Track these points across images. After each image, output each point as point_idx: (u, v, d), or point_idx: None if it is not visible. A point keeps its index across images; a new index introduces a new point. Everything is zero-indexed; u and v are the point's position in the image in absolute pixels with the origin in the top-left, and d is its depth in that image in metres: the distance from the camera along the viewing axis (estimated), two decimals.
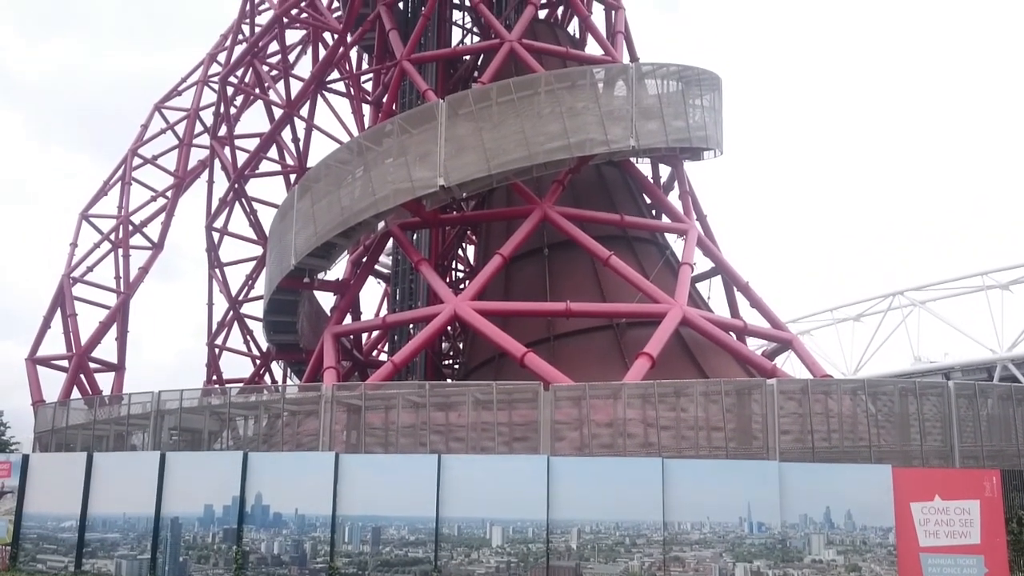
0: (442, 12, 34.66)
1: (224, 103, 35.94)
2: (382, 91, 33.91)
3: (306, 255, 27.23)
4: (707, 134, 29.38)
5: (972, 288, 59.33)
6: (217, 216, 37.28)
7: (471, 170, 25.46)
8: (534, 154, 25.56)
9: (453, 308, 24.32)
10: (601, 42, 31.78)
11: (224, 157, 36.32)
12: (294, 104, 34.48)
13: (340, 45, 32.78)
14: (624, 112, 26.88)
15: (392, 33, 31.48)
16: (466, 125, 25.77)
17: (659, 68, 28.48)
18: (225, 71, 36.33)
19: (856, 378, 44.52)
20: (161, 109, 40.63)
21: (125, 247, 36.54)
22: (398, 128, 26.45)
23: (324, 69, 34.16)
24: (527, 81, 26.60)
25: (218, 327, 38.06)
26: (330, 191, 27.21)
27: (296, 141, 35.91)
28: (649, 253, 28.96)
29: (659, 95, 28.08)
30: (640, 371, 21.83)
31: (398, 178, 25.89)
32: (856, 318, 66.03)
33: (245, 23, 37.20)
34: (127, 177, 38.36)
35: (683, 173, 31.15)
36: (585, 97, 26.68)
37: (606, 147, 26.55)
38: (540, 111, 26.06)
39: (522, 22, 30.17)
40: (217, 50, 41.02)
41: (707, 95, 29.53)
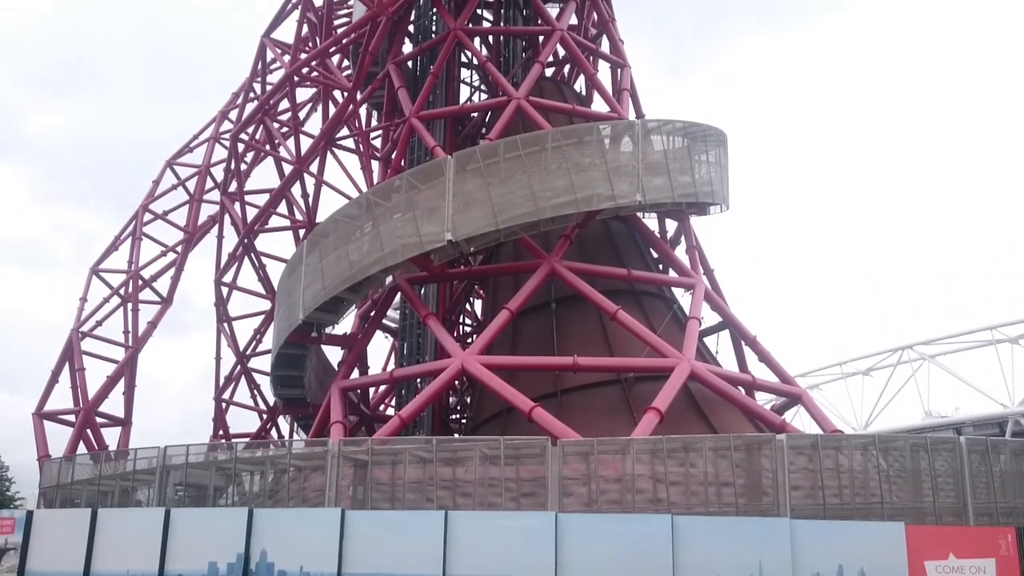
0: (450, 71, 35.20)
1: (235, 159, 36.37)
2: (391, 147, 34.29)
3: (314, 309, 27.30)
4: (713, 189, 29.56)
5: (982, 342, 58.99)
6: (226, 271, 37.49)
7: (479, 225, 25.64)
8: (541, 209, 25.73)
9: (460, 362, 24.28)
10: (607, 99, 32.17)
11: (234, 212, 36.63)
12: (304, 160, 34.86)
13: (350, 103, 33.25)
14: (630, 168, 27.10)
15: (401, 91, 31.94)
16: (474, 180, 26.00)
17: (665, 124, 28.78)
18: (236, 128, 36.82)
19: (867, 433, 44.08)
20: (173, 166, 41.12)
21: (134, 301, 36.71)
22: (406, 184, 26.70)
23: (334, 126, 34.60)
24: (534, 137, 26.90)
25: (225, 381, 38.03)
26: (339, 246, 27.38)
27: (305, 197, 36.23)
28: (656, 307, 28.95)
29: (665, 151, 28.34)
30: (648, 426, 21.69)
31: (406, 233, 26.06)
32: (865, 372, 65.60)
33: (257, 81, 37.79)
34: (138, 232, 38.68)
35: (690, 228, 31.28)
36: (592, 153, 26.95)
37: (613, 202, 26.74)
38: (547, 167, 26.31)
39: (529, 80, 30.59)
40: (229, 108, 41.63)
41: (713, 151, 29.77)
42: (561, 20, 32.43)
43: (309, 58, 33.68)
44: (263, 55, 37.12)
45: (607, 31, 34.73)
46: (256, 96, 37.44)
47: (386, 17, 30.25)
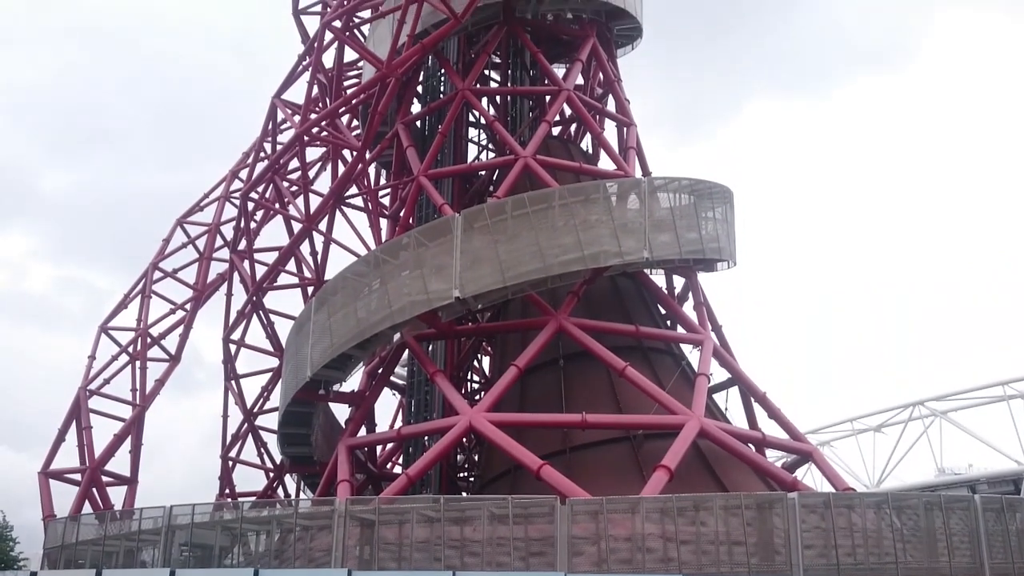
0: (458, 130, 35.64)
1: (245, 218, 36.68)
2: (399, 205, 34.59)
3: (322, 367, 27.31)
4: (720, 246, 29.69)
5: (994, 398, 58.58)
6: (235, 328, 37.56)
7: (486, 282, 25.75)
8: (549, 266, 25.87)
9: (468, 420, 24.18)
10: (614, 157, 32.51)
11: (243, 270, 36.83)
12: (313, 219, 35.13)
13: (359, 162, 33.62)
14: (637, 225, 27.28)
15: (410, 150, 32.34)
16: (481, 238, 26.19)
17: (671, 182, 29.04)
18: (247, 187, 37.21)
19: (879, 491, 43.60)
20: (183, 224, 41.48)
21: (142, 359, 36.74)
22: (414, 241, 26.88)
23: (343, 185, 34.93)
24: (542, 195, 27.14)
25: (232, 439, 37.85)
26: (347, 303, 27.49)
27: (314, 254, 36.43)
28: (665, 364, 28.88)
29: (672, 208, 28.55)
30: (658, 484, 21.49)
31: (414, 290, 26.17)
32: (877, 429, 65.03)
33: (267, 141, 38.26)
34: (147, 290, 38.89)
35: (697, 284, 31.33)
36: (599, 210, 27.16)
37: (620, 259, 26.87)
38: (554, 224, 26.51)
39: (536, 139, 30.96)
40: (239, 167, 42.12)
41: (719, 207, 29.97)
42: (567, 80, 32.91)
43: (319, 118, 34.13)
44: (274, 115, 37.65)
45: (613, 91, 35.21)
46: (266, 155, 37.88)
47: (395, 78, 30.72)
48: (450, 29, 30.89)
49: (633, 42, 37.07)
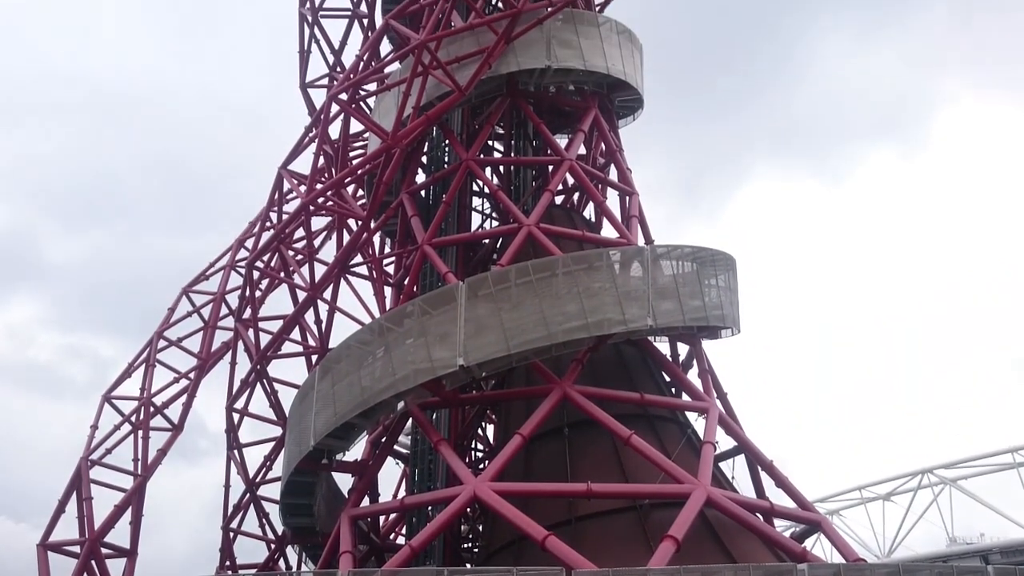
0: (462, 199, 36.01)
1: (250, 287, 36.85)
2: (403, 274, 34.76)
3: (325, 436, 27.16)
4: (723, 313, 29.72)
5: (1004, 465, 58.00)
6: (238, 397, 37.47)
7: (491, 350, 25.76)
8: (553, 334, 25.91)
9: (472, 489, 23.94)
10: (616, 226, 32.77)
11: (247, 339, 36.87)
12: (318, 287, 35.30)
13: (364, 231, 33.92)
14: (641, 292, 27.38)
15: (414, 219, 32.64)
16: (485, 306, 26.27)
17: (674, 249, 29.22)
18: (252, 256, 37.45)
19: (890, 562, 42.83)
20: (189, 293, 41.66)
21: (145, 429, 36.56)
22: (419, 309, 26.96)
23: (348, 254, 35.20)
24: (545, 263, 27.30)
25: (234, 510, 37.44)
26: (351, 372, 27.45)
27: (319, 323, 36.50)
28: (670, 432, 28.68)
29: (675, 275, 28.68)
30: (665, 555, 21.18)
31: (418, 358, 26.16)
32: (886, 497, 64.22)
33: (273, 211, 38.65)
34: (151, 359, 38.89)
35: (701, 351, 31.26)
36: (602, 278, 27.28)
37: (624, 326, 26.91)
38: (558, 292, 26.62)
39: (539, 207, 31.27)
40: (245, 236, 42.45)
41: (722, 275, 30.09)
42: (570, 150, 33.36)
43: (325, 188, 34.54)
44: (280, 185, 38.11)
45: (615, 160, 35.65)
46: (272, 225, 38.25)
47: (400, 149, 31.19)
48: (454, 101, 31.49)
49: (634, 113, 37.66)
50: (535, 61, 32.73)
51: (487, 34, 31.68)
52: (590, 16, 35.11)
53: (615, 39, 34.55)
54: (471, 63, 31.45)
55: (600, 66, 33.67)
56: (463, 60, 31.50)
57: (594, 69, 33.60)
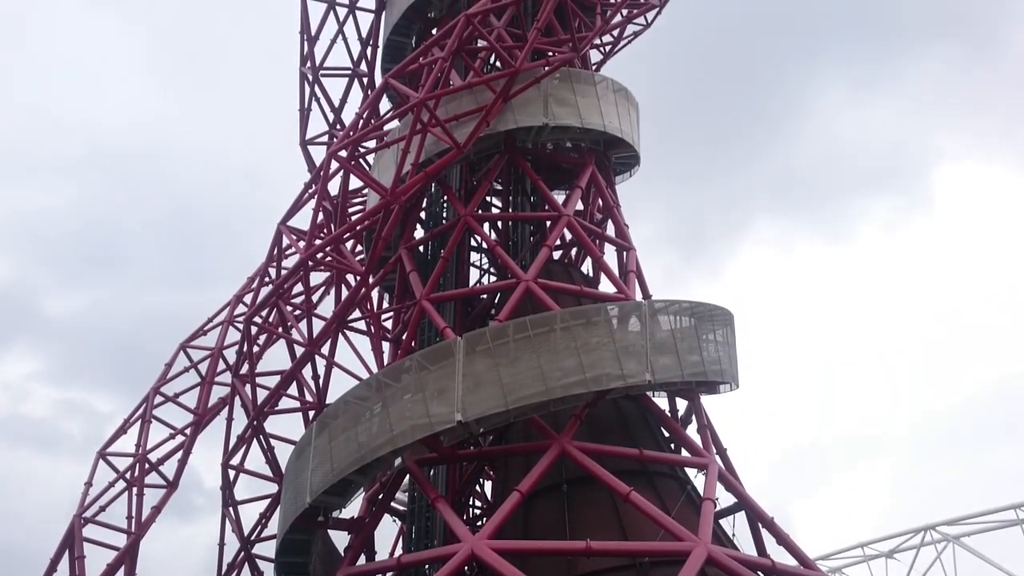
0: (460, 254, 36.20)
1: (248, 342, 36.81)
2: (401, 329, 34.78)
3: (322, 493, 26.97)
4: (722, 368, 29.74)
5: (1008, 522, 57.47)
6: (234, 453, 37.17)
7: (489, 405, 25.72)
8: (551, 389, 25.88)
9: (470, 547, 23.70)
10: (614, 281, 32.91)
11: (244, 395, 36.72)
12: (316, 342, 35.26)
13: (362, 286, 34.01)
14: (639, 347, 27.42)
15: (412, 274, 32.77)
16: (483, 361, 26.28)
17: (672, 304, 29.34)
18: (251, 311, 37.46)
19: None
20: (186, 348, 41.63)
21: (140, 486, 36.27)
22: (416, 364, 26.96)
23: (346, 309, 35.22)
24: (543, 318, 27.38)
25: (228, 568, 36.91)
26: (348, 428, 27.36)
27: (316, 378, 36.37)
28: (670, 488, 28.47)
29: (673, 330, 28.76)
30: None
31: (416, 414, 26.10)
32: (889, 555, 63.41)
33: (272, 266, 38.76)
34: (147, 415, 38.73)
35: (700, 407, 31.19)
36: (600, 333, 27.35)
37: (622, 381, 26.88)
38: (556, 347, 26.67)
39: (537, 263, 31.44)
40: (244, 291, 42.55)
41: (720, 330, 30.17)
42: (567, 206, 33.64)
43: (324, 244, 34.71)
44: (279, 241, 38.30)
45: (612, 216, 35.92)
46: (271, 280, 38.34)
47: (399, 205, 31.45)
48: (453, 158, 31.85)
49: (631, 169, 38.06)
50: (533, 119, 33.17)
51: (485, 93, 32.16)
52: (587, 75, 35.67)
53: (611, 97, 35.05)
54: (469, 121, 31.87)
55: (597, 124, 34.11)
56: (461, 118, 31.92)
57: (591, 127, 34.04)
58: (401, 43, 39.25)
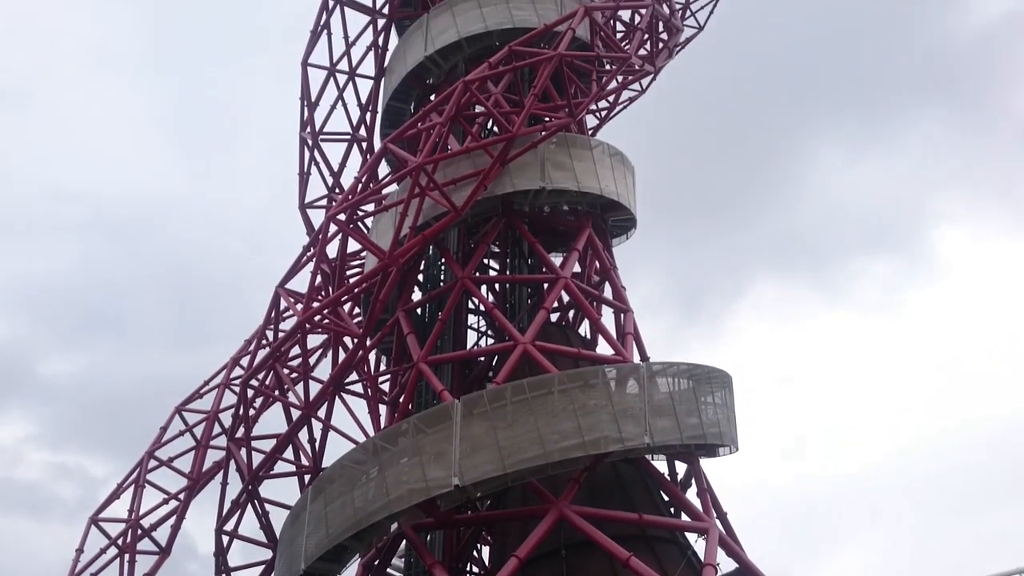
0: (458, 316, 36.25)
1: (244, 405, 36.62)
2: (399, 391, 34.65)
3: (317, 559, 26.61)
4: (721, 431, 29.58)
5: None
6: (228, 519, 36.66)
7: (486, 469, 25.52)
8: (549, 452, 25.70)
9: None
10: (612, 343, 32.90)
11: (240, 458, 36.40)
12: (312, 405, 35.10)
13: (359, 348, 33.98)
14: (637, 410, 27.31)
15: (410, 337, 32.76)
16: (481, 424, 26.16)
17: (670, 367, 29.30)
18: (247, 374, 37.33)
19: None
20: (181, 411, 41.32)
21: (132, 553, 35.69)
22: (413, 428, 26.82)
23: (343, 371, 35.14)
24: (541, 381, 27.31)
25: None
26: (344, 492, 27.10)
27: (312, 442, 36.11)
28: (670, 553, 28.10)
29: (671, 392, 28.69)
30: None
31: (413, 478, 25.87)
32: None
33: (270, 329, 38.74)
34: (141, 480, 38.28)
35: (700, 470, 30.93)
36: (598, 395, 27.26)
37: (621, 445, 26.72)
38: (554, 410, 26.57)
39: (535, 325, 31.44)
40: (240, 354, 42.40)
41: (718, 392, 30.09)
42: (565, 269, 33.79)
43: (322, 306, 34.77)
44: (276, 304, 38.34)
45: (609, 278, 36.06)
46: (268, 343, 38.27)
47: (397, 268, 31.59)
48: (451, 221, 32.11)
49: (628, 232, 38.32)
50: (530, 183, 33.51)
51: (483, 157, 32.54)
52: (583, 140, 36.14)
53: (608, 161, 35.46)
54: (467, 185, 32.20)
55: (593, 187, 34.45)
56: (459, 182, 32.26)
57: (587, 190, 34.36)
58: (400, 108, 39.87)
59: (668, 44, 40.10)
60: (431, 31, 37.68)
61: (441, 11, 37.84)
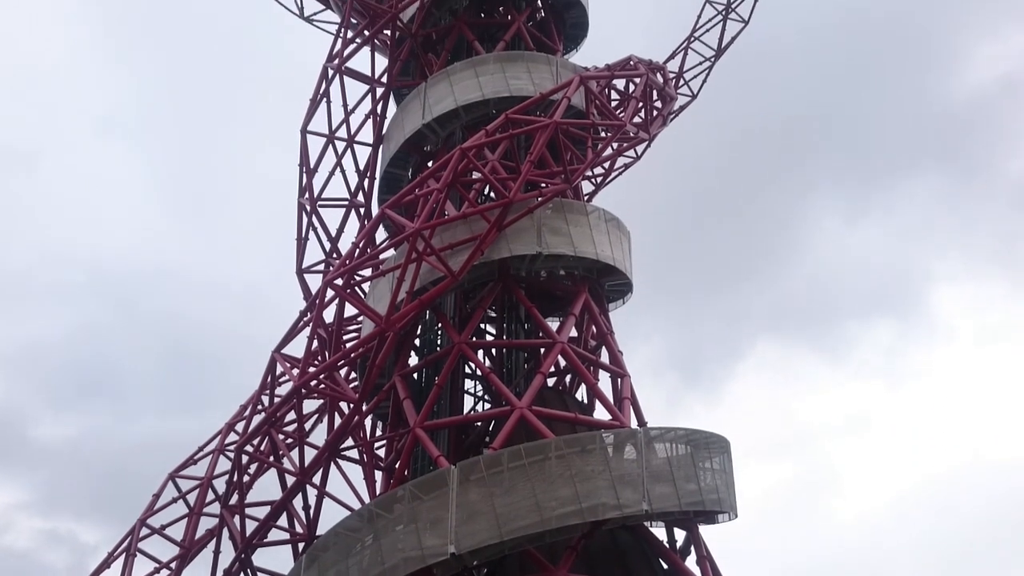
0: (454, 381, 36.16)
1: (238, 471, 36.27)
2: (395, 457, 34.39)
3: None
4: (720, 497, 29.30)
5: None
6: None
7: (483, 537, 25.22)
8: (546, 519, 25.43)
9: None
10: (609, 408, 32.77)
11: (233, 526, 35.94)
12: (307, 472, 34.80)
13: (355, 414, 33.83)
14: (635, 476, 27.11)
15: (406, 402, 32.64)
16: (478, 491, 25.92)
17: (667, 432, 29.16)
18: (242, 440, 37.05)
19: None
20: (175, 478, 40.91)
21: None
22: (409, 494, 26.56)
23: (339, 437, 34.91)
24: (538, 446, 27.14)
25: None
26: (338, 560, 26.76)
27: (307, 508, 35.73)
28: None
29: (669, 458, 28.49)
30: None
31: (408, 546, 25.55)
32: None
33: (265, 394, 38.57)
34: (132, 548, 37.71)
35: (699, 537, 30.60)
36: (595, 461, 27.07)
37: (619, 511, 26.45)
38: (551, 476, 26.37)
39: (532, 390, 31.36)
40: (235, 420, 42.12)
41: (716, 457, 29.89)
42: (561, 333, 33.82)
43: (318, 371, 34.70)
44: (272, 369, 38.24)
45: (606, 343, 36.08)
46: (263, 408, 38.08)
47: (393, 332, 31.61)
48: (447, 286, 32.24)
49: (624, 296, 38.43)
50: (526, 248, 33.74)
51: (480, 222, 32.82)
52: (579, 205, 36.48)
53: (603, 227, 35.77)
54: (464, 250, 32.41)
55: (589, 252, 34.68)
56: (456, 247, 32.48)
57: (583, 255, 34.59)
58: (397, 175, 40.35)
59: (662, 112, 40.70)
60: (429, 99, 38.31)
61: (439, 80, 38.51)
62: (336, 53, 41.46)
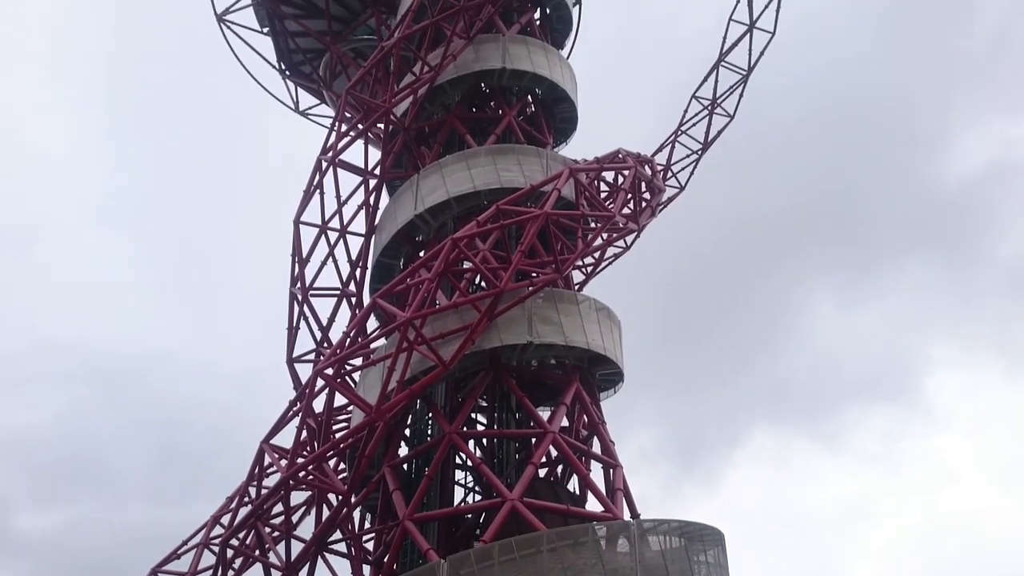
0: (445, 472, 35.72)
1: (223, 566, 35.47)
2: (383, 551, 33.73)
3: None
4: None
5: None
6: None
7: None
8: None
9: None
10: (601, 499, 32.37)
11: None
12: (294, 566, 34.06)
13: (344, 506, 33.31)
14: (628, 570, 26.67)
15: (395, 494, 32.19)
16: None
17: (660, 524, 28.73)
18: (227, 533, 36.33)
19: None
20: (158, 573, 39.93)
21: None
22: None
23: (326, 530, 34.30)
24: (529, 539, 26.71)
25: None
26: None
27: None
28: None
29: (663, 551, 28.02)
30: None
31: None
32: None
33: (252, 486, 37.99)
34: None
35: None
36: (587, 554, 26.63)
37: None
38: (543, 569, 25.94)
39: (523, 481, 31.02)
40: (221, 512, 41.34)
41: (711, 551, 29.40)
42: (553, 423, 33.62)
43: (306, 462, 34.27)
44: (260, 460, 37.75)
45: (598, 433, 35.86)
46: (250, 500, 37.45)
47: (383, 422, 31.38)
48: (438, 375, 32.16)
49: (616, 385, 38.36)
50: (517, 337, 33.81)
51: (471, 312, 32.93)
52: (569, 295, 36.70)
53: (594, 316, 35.91)
54: (455, 339, 32.45)
55: (580, 342, 34.75)
56: (447, 336, 32.53)
57: (574, 344, 34.65)
58: (389, 265, 40.66)
59: (651, 203, 41.32)
60: (421, 190, 38.89)
61: (431, 172, 39.16)
62: (330, 146, 42.12)
